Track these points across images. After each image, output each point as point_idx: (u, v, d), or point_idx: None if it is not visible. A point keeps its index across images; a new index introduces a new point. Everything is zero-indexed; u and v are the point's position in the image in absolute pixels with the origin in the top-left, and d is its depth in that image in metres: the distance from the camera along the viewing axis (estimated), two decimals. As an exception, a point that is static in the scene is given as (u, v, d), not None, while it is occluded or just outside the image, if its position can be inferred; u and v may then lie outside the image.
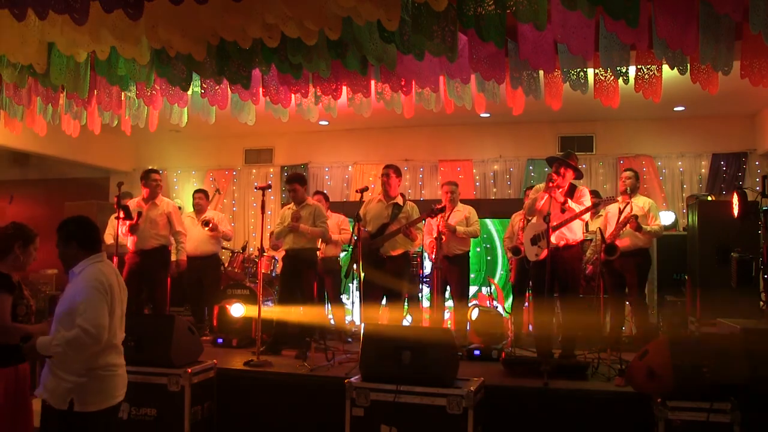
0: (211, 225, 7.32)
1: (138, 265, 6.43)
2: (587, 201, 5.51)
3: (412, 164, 9.86)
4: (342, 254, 7.53)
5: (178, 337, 4.90)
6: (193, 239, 7.24)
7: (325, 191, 7.93)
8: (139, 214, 6.44)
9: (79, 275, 3.22)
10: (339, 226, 7.24)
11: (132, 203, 6.63)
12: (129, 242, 6.55)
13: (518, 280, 7.00)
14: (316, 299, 6.65)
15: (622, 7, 3.64)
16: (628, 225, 6.12)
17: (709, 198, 7.26)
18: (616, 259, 6.03)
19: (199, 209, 7.56)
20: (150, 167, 7.25)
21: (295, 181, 6.38)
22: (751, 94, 6.69)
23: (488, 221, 8.62)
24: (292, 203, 6.42)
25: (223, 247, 7.92)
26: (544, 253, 5.18)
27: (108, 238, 6.48)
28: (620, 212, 6.21)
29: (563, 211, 5.39)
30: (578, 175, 5.52)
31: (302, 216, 6.22)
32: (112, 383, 3.26)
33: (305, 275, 6.27)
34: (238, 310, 6.72)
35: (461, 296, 6.75)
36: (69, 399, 3.12)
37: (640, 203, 6.35)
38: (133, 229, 6.38)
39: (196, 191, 7.75)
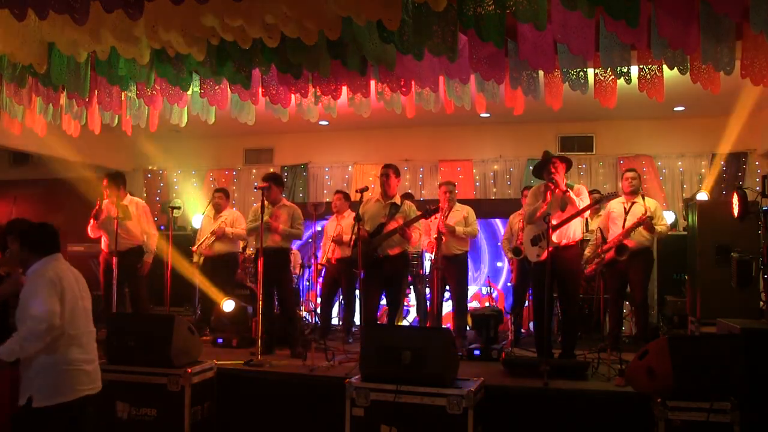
0: (216, 233, 7.28)
1: (113, 265, 6.39)
2: (586, 199, 5.51)
3: (412, 164, 9.85)
4: None
5: (178, 337, 4.90)
6: (209, 238, 7.23)
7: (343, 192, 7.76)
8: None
9: (29, 276, 3.30)
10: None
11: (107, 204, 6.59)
12: (102, 242, 6.58)
13: (519, 281, 7.00)
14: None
15: (622, 7, 3.64)
16: (642, 226, 6.13)
17: (701, 193, 7.26)
18: (624, 259, 6.03)
19: (218, 209, 7.46)
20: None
21: (270, 179, 6.34)
22: (752, 94, 6.69)
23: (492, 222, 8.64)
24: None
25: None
26: (545, 253, 5.17)
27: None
28: (626, 212, 6.25)
29: (563, 209, 5.38)
30: (568, 164, 5.55)
31: (281, 216, 6.20)
32: (74, 378, 3.24)
33: (277, 274, 6.25)
34: (229, 305, 6.70)
35: (461, 296, 6.75)
36: (27, 395, 3.14)
37: (647, 203, 6.29)
38: (97, 217, 6.47)
39: (217, 190, 7.64)
